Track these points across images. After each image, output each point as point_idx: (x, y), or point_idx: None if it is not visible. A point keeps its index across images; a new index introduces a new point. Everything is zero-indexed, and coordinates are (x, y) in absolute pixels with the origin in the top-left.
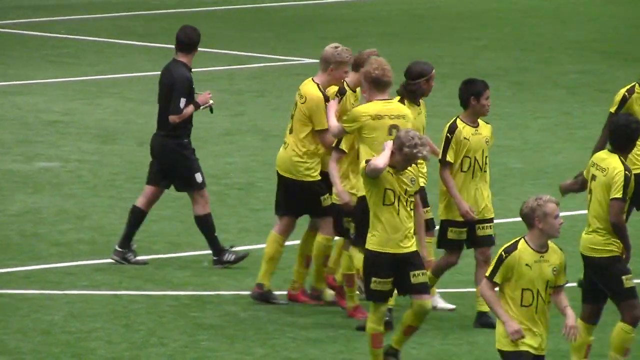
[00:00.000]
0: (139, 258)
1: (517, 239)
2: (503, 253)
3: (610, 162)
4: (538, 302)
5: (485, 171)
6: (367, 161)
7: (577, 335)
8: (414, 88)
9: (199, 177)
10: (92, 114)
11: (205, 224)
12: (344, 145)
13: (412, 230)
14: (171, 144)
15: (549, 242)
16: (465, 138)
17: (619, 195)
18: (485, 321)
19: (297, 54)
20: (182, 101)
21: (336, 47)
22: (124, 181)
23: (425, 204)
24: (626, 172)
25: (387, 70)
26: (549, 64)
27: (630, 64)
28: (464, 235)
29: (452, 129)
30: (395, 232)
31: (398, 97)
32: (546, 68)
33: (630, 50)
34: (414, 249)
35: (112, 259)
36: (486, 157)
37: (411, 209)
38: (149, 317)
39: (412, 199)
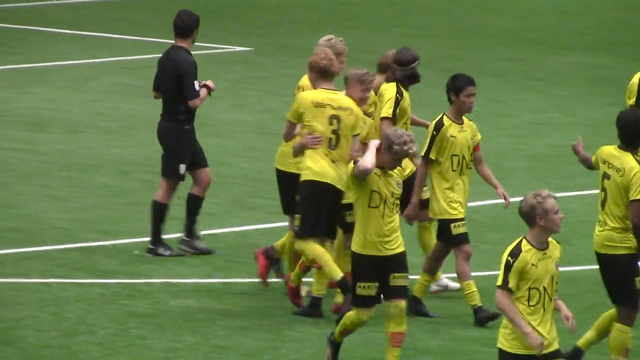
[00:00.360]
0: (203, 246)
1: (517, 240)
2: (510, 258)
3: (625, 161)
4: (545, 300)
5: (470, 168)
6: (355, 162)
7: (573, 322)
8: (409, 73)
9: (182, 169)
10: (23, 102)
11: (158, 210)
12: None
13: (398, 232)
14: (173, 128)
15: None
16: (451, 136)
17: (639, 196)
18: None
19: (224, 41)
20: (196, 84)
21: (329, 39)
22: (55, 170)
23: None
24: None
25: (334, 61)
26: (478, 52)
27: (559, 52)
28: (464, 229)
29: (438, 126)
30: (379, 235)
31: (389, 84)
32: (475, 56)
33: (559, 37)
34: (399, 250)
35: (180, 249)
36: (471, 154)
37: (396, 212)
38: (79, 305)
39: (398, 202)
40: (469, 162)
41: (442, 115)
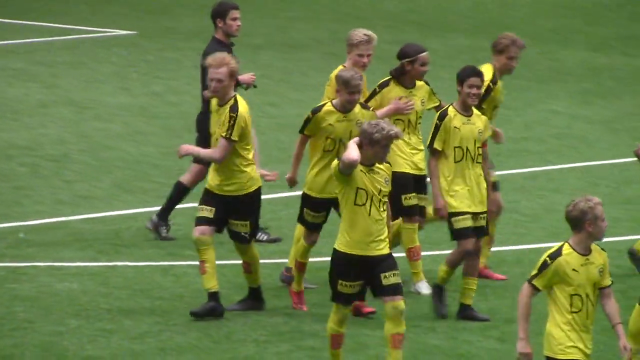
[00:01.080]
0: (170, 235)
1: (560, 244)
2: (548, 259)
3: None
4: (587, 307)
5: (478, 162)
6: (339, 158)
7: (630, 354)
8: (399, 69)
9: None
10: None
11: (179, 192)
12: None
13: (385, 233)
14: (206, 120)
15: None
16: (455, 127)
17: None
18: (468, 314)
19: (112, 25)
20: None
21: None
22: None
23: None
24: None
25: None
26: None
27: (444, 35)
28: (467, 223)
29: (442, 116)
30: (365, 234)
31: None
32: None
33: (445, 20)
34: (386, 251)
35: (147, 227)
36: (478, 147)
37: (384, 210)
38: None
39: (386, 200)
40: (476, 155)
41: (449, 106)
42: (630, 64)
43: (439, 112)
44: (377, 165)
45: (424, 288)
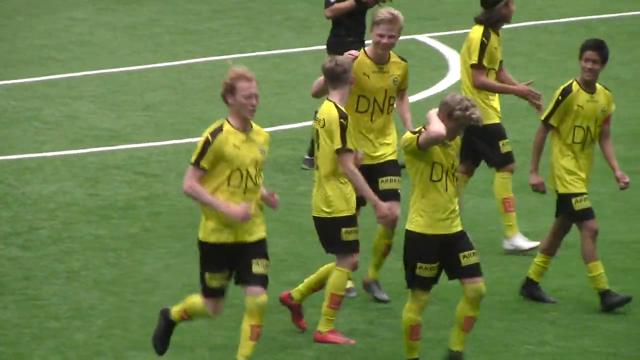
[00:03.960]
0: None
1: (570, 81)
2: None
3: None
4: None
5: (594, 142)
6: (416, 133)
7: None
8: (494, 15)
9: None
10: None
11: None
12: None
13: (457, 208)
14: (336, 42)
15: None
16: (578, 105)
17: None
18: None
19: None
20: None
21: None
22: None
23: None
24: None
25: None
26: None
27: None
28: (587, 203)
29: (566, 92)
30: (443, 211)
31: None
32: None
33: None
34: (460, 228)
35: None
36: (599, 126)
37: (456, 186)
38: None
39: (457, 175)
40: (595, 135)
41: (572, 81)
42: None
43: (562, 87)
44: None
45: (522, 241)
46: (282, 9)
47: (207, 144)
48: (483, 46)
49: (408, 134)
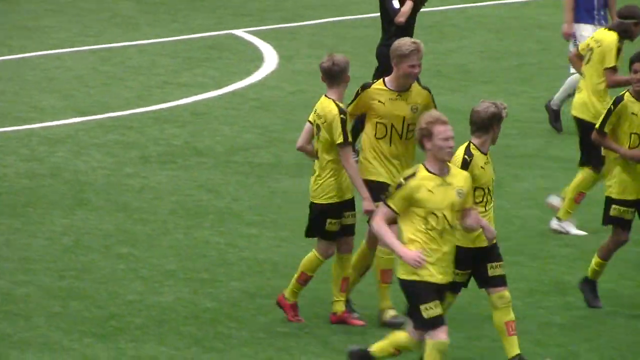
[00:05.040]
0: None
1: (622, 92)
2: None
3: None
4: None
5: None
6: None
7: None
8: (624, 27)
9: None
10: None
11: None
12: None
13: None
14: (385, 50)
15: None
16: (632, 113)
17: None
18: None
19: None
20: (395, 2)
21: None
22: None
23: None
24: None
25: None
26: None
27: None
28: (629, 215)
29: (617, 101)
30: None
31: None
32: None
33: None
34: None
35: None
36: None
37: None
38: None
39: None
40: None
41: (625, 91)
42: None
43: (615, 98)
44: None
45: (571, 226)
46: (109, 7)
47: (399, 187)
48: (618, 51)
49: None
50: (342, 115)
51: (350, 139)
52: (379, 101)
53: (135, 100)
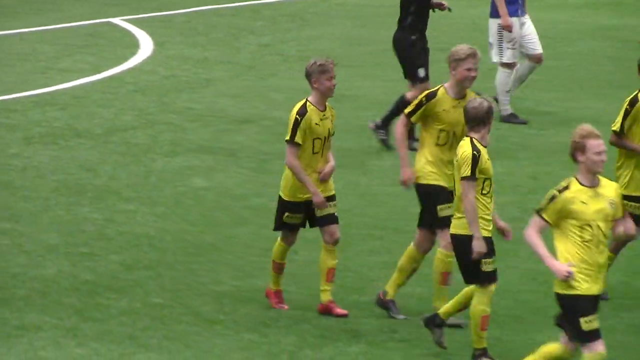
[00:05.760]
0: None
1: (636, 93)
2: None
3: None
4: None
5: None
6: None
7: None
8: None
9: (421, 72)
10: None
11: (400, 104)
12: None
13: None
14: (401, 38)
15: None
16: None
17: None
18: None
19: None
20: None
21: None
22: None
23: None
24: None
25: None
26: None
27: None
28: (638, 211)
29: (633, 102)
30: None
31: None
32: None
33: None
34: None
35: (370, 127)
36: None
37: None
38: None
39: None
40: None
41: (638, 91)
42: None
43: (629, 98)
44: None
45: None
46: None
47: (552, 199)
48: None
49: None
50: (297, 116)
51: (296, 140)
52: (444, 109)
53: (18, 85)
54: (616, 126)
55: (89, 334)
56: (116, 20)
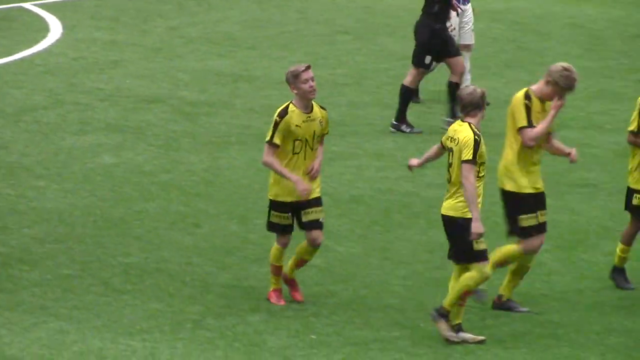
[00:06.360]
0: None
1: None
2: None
3: None
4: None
5: None
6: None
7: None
8: None
9: (427, 59)
10: None
11: (406, 94)
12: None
13: None
14: (425, 24)
15: None
16: None
17: None
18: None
19: None
20: None
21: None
22: None
23: None
24: None
25: None
26: None
27: None
28: None
29: None
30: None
31: None
32: None
33: None
34: None
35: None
36: None
37: None
38: None
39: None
40: None
41: None
42: None
43: None
44: None
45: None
46: None
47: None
48: None
49: None
50: (277, 118)
51: (274, 140)
52: (537, 112)
53: None
54: (632, 126)
55: (2, 304)
56: (27, 5)
